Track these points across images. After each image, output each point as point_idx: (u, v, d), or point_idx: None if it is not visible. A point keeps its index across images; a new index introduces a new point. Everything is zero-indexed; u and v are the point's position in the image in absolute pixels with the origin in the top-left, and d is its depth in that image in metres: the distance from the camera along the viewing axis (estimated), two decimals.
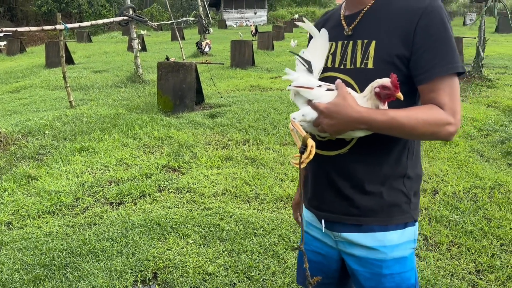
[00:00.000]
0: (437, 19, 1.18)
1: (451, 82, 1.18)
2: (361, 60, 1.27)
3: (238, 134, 5.52)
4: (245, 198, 3.77)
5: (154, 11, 35.54)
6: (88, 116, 6.50)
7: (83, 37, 24.11)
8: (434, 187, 3.87)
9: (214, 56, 15.31)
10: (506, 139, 5.04)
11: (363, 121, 1.15)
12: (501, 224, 3.16)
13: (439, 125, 1.16)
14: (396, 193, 1.31)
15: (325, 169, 1.37)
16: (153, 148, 5.02)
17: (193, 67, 7.10)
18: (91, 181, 4.16)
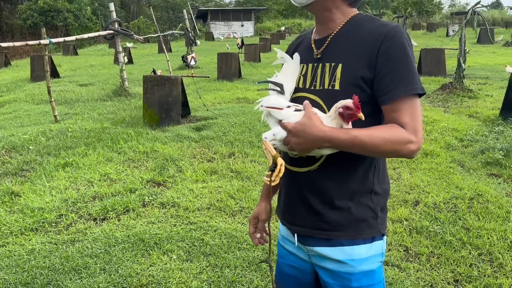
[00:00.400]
0: (398, 44, 1.25)
1: (412, 103, 1.25)
2: (328, 82, 1.33)
3: (223, 147, 5.55)
4: (229, 212, 3.79)
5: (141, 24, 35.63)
6: (73, 131, 6.48)
7: (69, 50, 24.02)
8: (415, 198, 3.93)
9: (201, 68, 15.38)
10: (486, 149, 5.15)
11: (327, 140, 1.21)
12: (479, 234, 3.22)
13: (401, 143, 1.22)
14: (364, 209, 1.37)
15: (297, 185, 1.42)
16: (138, 163, 5.03)
17: (178, 80, 7.14)
18: (75, 197, 4.15)
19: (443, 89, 9.00)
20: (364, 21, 1.36)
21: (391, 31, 1.27)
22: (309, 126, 1.22)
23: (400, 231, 3.33)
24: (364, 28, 1.33)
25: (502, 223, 3.40)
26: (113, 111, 8.13)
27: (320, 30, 1.44)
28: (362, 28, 1.33)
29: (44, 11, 35.30)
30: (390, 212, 3.67)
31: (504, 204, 3.70)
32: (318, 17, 1.42)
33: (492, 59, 15.53)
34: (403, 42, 1.26)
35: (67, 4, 35.80)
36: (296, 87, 1.42)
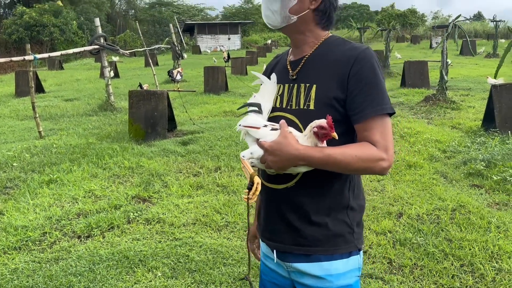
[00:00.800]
0: (368, 66, 1.31)
1: (382, 122, 1.30)
2: (304, 102, 1.38)
3: (210, 161, 5.56)
4: (215, 227, 3.79)
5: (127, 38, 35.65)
6: (58, 147, 6.43)
7: (54, 65, 23.89)
8: (399, 210, 3.98)
9: (187, 81, 15.41)
10: (468, 160, 5.24)
11: (301, 158, 1.26)
12: (461, 245, 3.27)
13: (372, 161, 1.27)
14: (340, 224, 1.40)
15: (276, 202, 1.46)
16: (123, 178, 5.01)
17: (164, 95, 7.16)
18: (59, 214, 4.11)
19: (426, 100, 9.15)
20: (336, 43, 1.42)
21: (361, 53, 1.33)
22: (284, 145, 1.26)
23: (384, 243, 3.37)
24: (336, 51, 1.38)
25: (483, 233, 3.45)
26: (98, 126, 8.09)
27: (295, 52, 1.49)
28: (334, 50, 1.39)
29: (29, 25, 35.12)
30: (374, 224, 3.71)
31: (486, 214, 3.77)
32: (292, 39, 1.48)
33: (474, 70, 15.84)
34: (372, 64, 1.32)
35: (53, 19, 35.68)
36: (274, 106, 1.46)
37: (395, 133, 6.84)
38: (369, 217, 3.86)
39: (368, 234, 3.55)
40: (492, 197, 4.26)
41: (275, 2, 1.40)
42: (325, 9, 1.41)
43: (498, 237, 3.39)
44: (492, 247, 3.23)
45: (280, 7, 1.39)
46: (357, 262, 1.43)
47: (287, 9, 1.39)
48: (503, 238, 3.36)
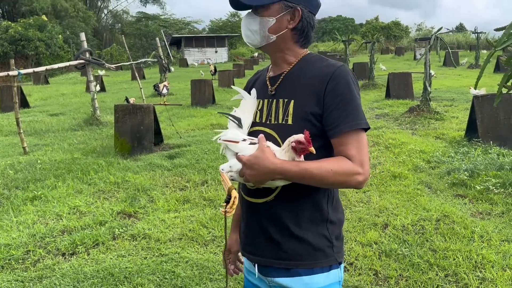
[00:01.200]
0: (343, 82, 1.35)
1: (358, 137, 1.34)
2: (282, 117, 1.42)
3: (196, 175, 5.55)
4: (201, 242, 3.77)
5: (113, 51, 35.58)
6: (42, 162, 6.36)
7: (39, 79, 23.73)
8: (384, 221, 4.01)
9: (174, 95, 15.41)
10: (452, 170, 5.31)
11: (278, 172, 1.29)
12: (446, 255, 3.30)
13: (348, 175, 1.30)
14: (320, 238, 1.42)
15: (256, 216, 1.48)
16: (108, 194, 4.96)
17: (151, 108, 7.15)
18: (43, 232, 4.05)
19: (410, 111, 9.28)
20: (313, 60, 1.46)
21: (337, 70, 1.37)
22: (261, 159, 1.29)
23: (370, 255, 3.38)
24: (313, 68, 1.43)
25: (467, 243, 3.49)
26: (84, 141, 8.03)
27: (274, 68, 1.53)
28: (311, 67, 1.43)
29: (14, 40, 34.87)
30: (360, 235, 3.73)
31: (469, 224, 3.82)
32: (272, 57, 1.52)
33: (457, 81, 16.13)
34: (348, 81, 1.36)
35: (38, 33, 35.49)
36: (254, 121, 1.49)
37: (380, 144, 6.91)
38: (355, 229, 3.88)
39: (354, 245, 3.56)
40: (475, 207, 4.32)
41: (255, 22, 1.43)
42: (302, 28, 1.45)
43: (482, 247, 3.43)
44: (476, 256, 3.27)
45: (259, 27, 1.43)
46: (337, 276, 1.45)
47: (266, 29, 1.42)
48: (486, 247, 3.41)
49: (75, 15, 43.51)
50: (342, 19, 61.95)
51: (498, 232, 3.68)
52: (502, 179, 4.82)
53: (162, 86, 9.64)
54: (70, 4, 44.18)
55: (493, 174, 5.01)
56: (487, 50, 29.57)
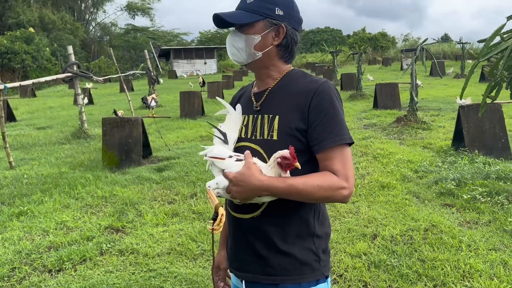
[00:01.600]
0: (326, 98, 1.38)
1: (342, 151, 1.35)
2: (267, 132, 1.43)
3: (185, 188, 5.52)
4: (191, 256, 3.74)
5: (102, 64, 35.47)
6: (29, 177, 6.28)
7: (26, 92, 23.52)
8: (373, 231, 4.02)
9: (163, 106, 15.39)
10: (440, 180, 5.35)
11: (264, 189, 1.30)
12: (434, 265, 3.32)
13: (333, 189, 1.32)
14: (307, 252, 1.43)
15: (243, 231, 1.48)
16: (96, 208, 4.91)
17: (139, 121, 7.13)
18: (29, 248, 3.98)
19: (398, 121, 9.37)
20: (297, 76, 1.48)
21: (320, 87, 1.39)
22: (247, 176, 1.29)
23: (359, 266, 3.38)
24: (297, 83, 1.45)
25: (455, 253, 3.51)
26: (71, 154, 7.96)
27: (259, 84, 1.55)
28: (295, 83, 1.45)
29: (0, 53, 34.60)
30: (350, 246, 3.73)
31: (457, 234, 3.84)
32: (257, 73, 1.54)
33: (444, 91, 16.35)
34: (331, 96, 1.38)
35: (25, 46, 35.27)
36: (239, 136, 1.50)
37: (369, 154, 6.96)
38: (344, 240, 3.88)
39: (344, 257, 3.56)
40: (463, 216, 4.36)
41: (240, 40, 1.45)
42: (287, 44, 1.47)
43: (469, 256, 3.45)
44: (464, 266, 3.29)
45: (245, 44, 1.44)
46: None
47: (252, 46, 1.44)
48: (474, 257, 3.43)
49: (62, 27, 43.35)
50: (329, 30, 62.64)
51: (485, 241, 3.71)
52: (488, 188, 4.88)
53: (151, 98, 9.62)
54: (58, 16, 44.07)
55: (480, 183, 5.07)
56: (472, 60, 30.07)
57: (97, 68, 35.35)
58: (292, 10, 1.47)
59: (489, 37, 3.99)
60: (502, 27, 3.85)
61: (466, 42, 24.64)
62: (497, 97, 4.43)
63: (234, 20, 1.42)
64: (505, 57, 3.82)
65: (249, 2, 1.44)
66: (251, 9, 1.43)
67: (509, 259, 3.37)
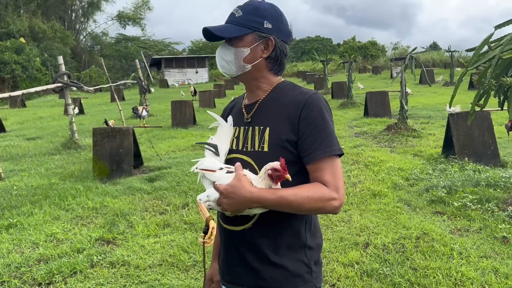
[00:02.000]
0: (316, 110, 1.39)
1: (332, 162, 1.36)
2: (258, 144, 1.44)
3: (177, 198, 5.50)
4: (182, 267, 3.71)
5: (92, 73, 35.36)
6: (18, 189, 6.21)
7: (16, 103, 23.32)
8: (365, 240, 4.03)
9: (155, 116, 15.34)
10: (430, 188, 5.39)
11: (255, 200, 1.30)
12: (426, 274, 3.33)
13: (324, 200, 1.32)
14: (299, 264, 1.43)
15: (235, 243, 1.48)
16: (86, 220, 4.86)
17: (130, 131, 7.09)
18: (19, 261, 3.93)
19: (388, 129, 9.44)
20: (287, 88, 1.49)
21: (310, 98, 1.40)
22: (238, 188, 1.30)
23: (351, 275, 3.38)
24: (287, 95, 1.46)
25: (447, 260, 3.53)
26: (61, 165, 7.89)
27: (249, 96, 1.56)
28: (285, 95, 1.47)
29: None
30: (342, 255, 3.73)
31: (448, 241, 3.86)
32: (247, 85, 1.55)
33: (433, 98, 16.51)
34: (321, 108, 1.39)
35: (15, 56, 35.04)
36: (230, 148, 1.51)
37: (360, 162, 6.99)
38: (336, 249, 3.88)
39: (336, 266, 3.56)
40: (454, 223, 4.38)
41: (229, 53, 1.46)
42: (276, 56, 1.49)
43: (461, 264, 3.46)
44: (455, 274, 3.30)
45: (234, 57, 1.46)
46: None
47: (241, 59, 1.46)
48: (465, 264, 3.44)
49: (52, 36, 43.16)
50: (320, 39, 63.10)
51: (477, 249, 3.73)
52: (478, 195, 4.92)
53: (141, 108, 9.59)
54: (48, 25, 43.91)
55: (470, 190, 5.11)
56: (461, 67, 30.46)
57: (88, 78, 35.22)
58: (281, 23, 1.49)
59: (478, 46, 4.05)
60: (490, 36, 3.91)
61: (454, 50, 24.99)
62: (486, 105, 4.49)
63: (223, 34, 1.44)
64: (492, 66, 3.88)
65: (238, 16, 1.45)
66: (240, 22, 1.44)
67: (500, 266, 3.39)
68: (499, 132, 7.95)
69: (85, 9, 54.43)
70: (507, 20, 3.85)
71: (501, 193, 4.97)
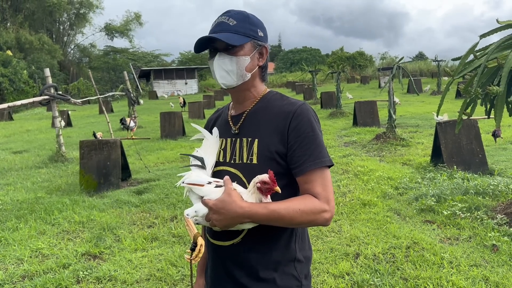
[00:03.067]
0: (305, 121, 1.36)
1: (322, 174, 1.34)
2: (247, 156, 1.40)
3: (165, 211, 5.43)
4: (170, 282, 3.64)
5: (81, 85, 35.12)
6: (3, 203, 6.09)
7: (3, 116, 23.06)
8: (355, 250, 3.99)
9: (144, 127, 15.25)
10: (420, 196, 5.39)
11: (247, 216, 1.26)
12: (417, 284, 3.30)
13: (315, 213, 1.30)
14: (288, 278, 1.40)
15: (222, 259, 1.44)
16: (72, 234, 4.77)
17: (117, 143, 7.02)
18: (2, 278, 3.82)
19: (377, 138, 9.47)
20: (274, 99, 1.47)
21: (298, 109, 1.38)
22: (228, 203, 1.26)
23: (342, 287, 3.34)
24: (275, 106, 1.43)
25: (437, 270, 3.51)
26: (48, 178, 7.76)
27: (236, 106, 1.53)
28: (273, 105, 1.44)
29: None
30: (333, 267, 3.69)
31: (438, 250, 3.84)
32: (238, 95, 1.51)
33: (421, 107, 16.66)
34: (309, 119, 1.37)
35: (2, 69, 34.71)
36: (217, 160, 1.47)
37: (349, 172, 6.98)
38: (327, 260, 3.84)
39: (327, 278, 3.52)
40: (444, 232, 4.37)
41: (231, 62, 1.41)
42: (265, 64, 1.49)
43: (451, 273, 3.45)
44: (446, 283, 3.28)
45: (236, 67, 1.41)
46: None
47: (244, 68, 1.42)
48: (456, 273, 3.43)
49: (40, 48, 42.86)
50: (308, 50, 63.68)
51: (467, 257, 3.72)
52: (468, 204, 4.92)
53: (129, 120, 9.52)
54: (35, 37, 43.64)
55: (459, 198, 5.12)
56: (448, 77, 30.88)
57: (76, 90, 34.98)
58: (266, 32, 1.50)
59: (463, 55, 4.08)
60: (476, 45, 3.95)
61: (441, 59, 25.38)
62: (473, 114, 4.52)
63: (232, 42, 1.38)
64: (478, 75, 3.91)
65: (233, 25, 1.41)
66: (239, 31, 1.41)
67: (491, 275, 3.38)
68: (486, 140, 8.02)
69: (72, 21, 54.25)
70: (492, 29, 3.90)
71: (490, 201, 4.99)
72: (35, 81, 37.23)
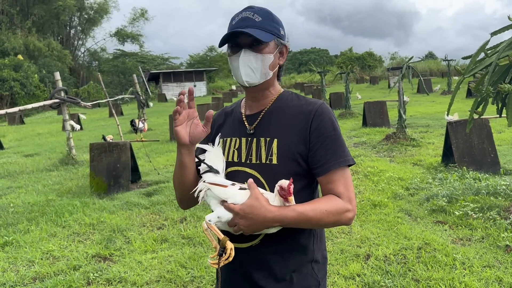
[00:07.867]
0: (326, 120, 1.36)
1: (344, 173, 1.33)
2: (266, 156, 1.38)
3: (175, 212, 5.43)
4: (180, 283, 3.63)
5: (91, 89, 35.39)
6: (15, 206, 6.15)
7: (14, 120, 23.33)
8: (366, 252, 3.96)
9: (153, 130, 15.32)
10: (431, 197, 5.33)
11: (277, 220, 1.25)
12: (429, 285, 3.26)
13: (340, 213, 1.29)
14: (307, 278, 1.39)
15: (240, 261, 1.40)
16: (83, 236, 4.79)
17: (127, 146, 7.05)
18: (14, 280, 3.85)
19: (387, 139, 9.40)
20: (291, 98, 1.45)
21: (319, 109, 1.37)
22: (257, 208, 1.23)
23: None
24: (293, 106, 1.42)
25: (449, 271, 3.46)
26: (59, 181, 7.82)
27: (251, 106, 1.49)
28: (290, 105, 1.43)
29: None
30: (343, 268, 3.66)
31: (450, 251, 3.79)
32: (256, 95, 1.47)
33: (432, 107, 16.51)
34: (330, 118, 1.37)
35: (13, 73, 35.11)
36: (231, 161, 1.44)
37: (360, 173, 6.93)
38: (337, 261, 3.81)
39: (337, 279, 3.49)
40: (456, 233, 4.32)
41: (256, 60, 1.38)
42: (283, 64, 1.47)
43: (464, 274, 3.40)
44: (459, 284, 3.23)
45: (261, 64, 1.39)
46: None
47: (268, 65, 1.40)
48: (468, 275, 3.38)
49: (49, 54, 43.21)
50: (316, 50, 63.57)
51: (479, 258, 3.67)
52: (480, 204, 4.86)
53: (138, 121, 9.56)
54: (44, 43, 43.98)
55: (471, 199, 5.05)
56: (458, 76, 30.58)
57: (86, 94, 35.25)
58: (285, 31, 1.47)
59: (474, 54, 4.03)
60: (487, 43, 3.89)
61: (451, 59, 25.11)
62: (484, 113, 4.46)
63: (264, 38, 1.35)
64: (489, 73, 3.85)
65: (259, 21, 1.37)
66: (265, 28, 1.37)
67: (504, 275, 3.32)
68: (498, 140, 7.92)
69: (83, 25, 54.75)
70: (503, 26, 3.84)
71: (503, 201, 4.91)
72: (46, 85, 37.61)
